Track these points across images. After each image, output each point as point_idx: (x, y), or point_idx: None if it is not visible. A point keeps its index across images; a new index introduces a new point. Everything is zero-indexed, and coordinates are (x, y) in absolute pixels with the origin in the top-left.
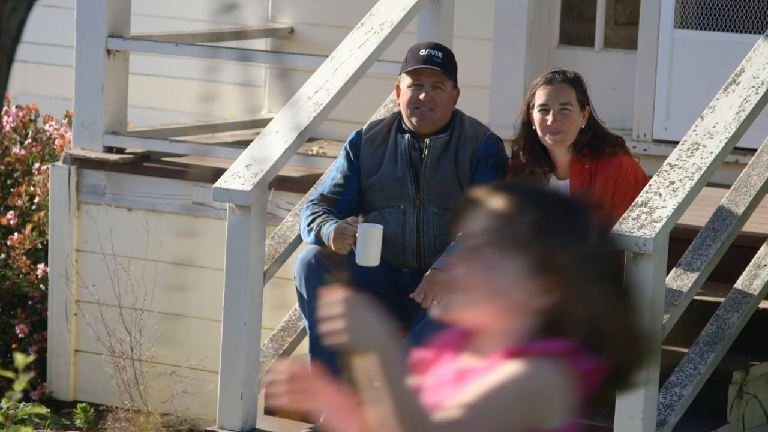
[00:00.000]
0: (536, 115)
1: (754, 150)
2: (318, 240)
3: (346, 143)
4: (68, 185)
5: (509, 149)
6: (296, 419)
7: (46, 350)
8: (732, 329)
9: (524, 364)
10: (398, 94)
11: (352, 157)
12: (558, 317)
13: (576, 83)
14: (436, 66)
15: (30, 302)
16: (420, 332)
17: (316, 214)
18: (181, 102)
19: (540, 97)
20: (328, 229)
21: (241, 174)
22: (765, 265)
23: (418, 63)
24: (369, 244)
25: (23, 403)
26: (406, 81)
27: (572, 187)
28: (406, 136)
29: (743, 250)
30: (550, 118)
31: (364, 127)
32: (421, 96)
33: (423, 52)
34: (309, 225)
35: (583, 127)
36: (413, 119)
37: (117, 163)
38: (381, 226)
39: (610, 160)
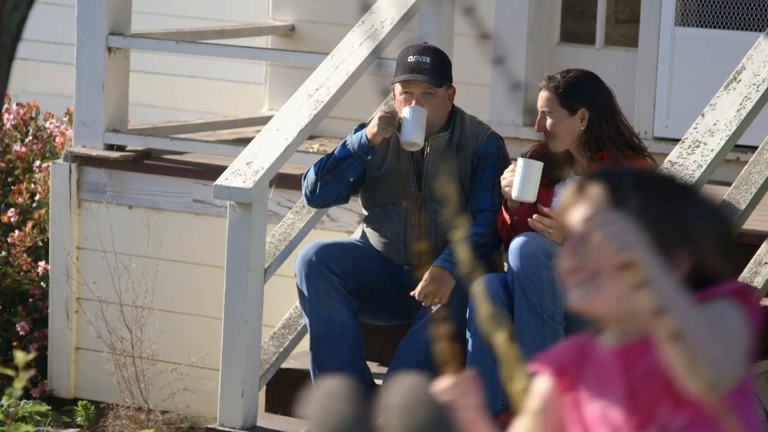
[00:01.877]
0: None
1: (755, 147)
2: (340, 152)
3: (354, 130)
4: (69, 183)
5: (510, 148)
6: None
7: (47, 348)
8: None
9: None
10: (395, 98)
11: None
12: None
13: (558, 90)
14: (424, 74)
15: (30, 300)
16: (420, 330)
17: (326, 156)
18: (181, 100)
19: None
20: (359, 131)
21: (242, 172)
22: (766, 263)
23: (406, 71)
24: (417, 122)
25: (24, 400)
26: (397, 89)
27: None
28: None
29: (744, 247)
30: (537, 121)
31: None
32: (412, 104)
33: (411, 58)
34: (327, 158)
35: (584, 129)
36: None
37: (118, 161)
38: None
39: (629, 163)
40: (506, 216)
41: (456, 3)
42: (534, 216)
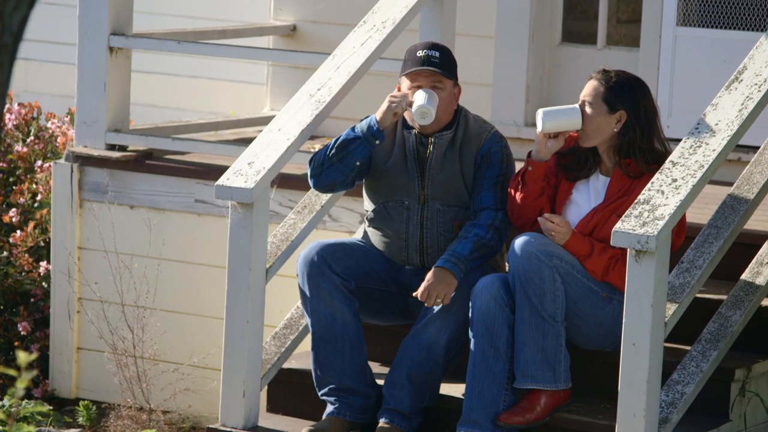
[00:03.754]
0: None
1: (757, 147)
2: (348, 134)
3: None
4: (70, 183)
5: (512, 148)
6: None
7: (49, 348)
8: (734, 327)
9: None
10: None
11: None
12: None
13: (607, 85)
14: (434, 67)
15: (32, 300)
16: (422, 330)
17: (334, 140)
18: (183, 99)
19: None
20: (369, 116)
21: (243, 172)
22: (767, 263)
23: (416, 65)
24: (430, 97)
25: (25, 400)
26: (405, 83)
27: (610, 187)
28: (413, 131)
29: (746, 247)
30: None
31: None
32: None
33: (420, 53)
34: (335, 141)
35: (617, 131)
36: (416, 121)
37: (119, 161)
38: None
39: (651, 176)
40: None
41: None
42: (545, 215)
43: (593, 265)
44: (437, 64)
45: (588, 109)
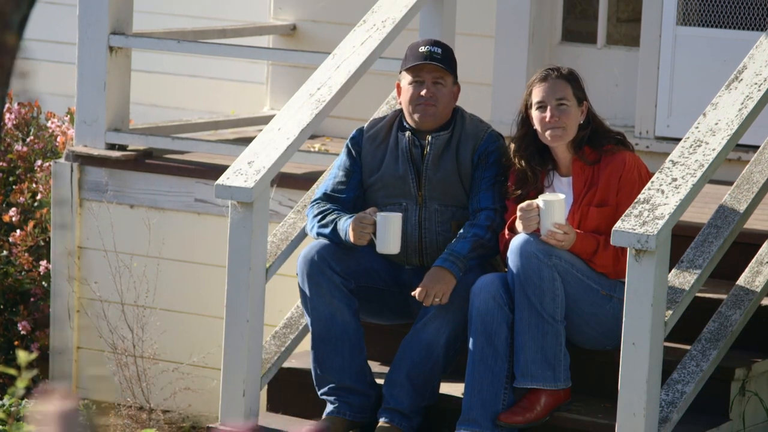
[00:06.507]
0: (534, 113)
1: (757, 147)
2: (333, 235)
3: (348, 140)
4: (70, 182)
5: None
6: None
7: (49, 347)
8: (734, 326)
9: None
10: (399, 93)
11: (354, 154)
12: None
13: (571, 79)
14: (436, 62)
15: (32, 299)
16: (421, 330)
17: (326, 211)
18: (183, 99)
19: (537, 94)
20: (345, 223)
21: (243, 171)
22: (767, 262)
23: (418, 60)
24: (389, 232)
25: (26, 400)
26: (406, 78)
27: (575, 184)
28: (407, 133)
29: (745, 247)
30: (548, 114)
31: (365, 125)
32: (423, 92)
33: (422, 48)
34: (320, 221)
35: (582, 122)
36: (415, 116)
37: (119, 160)
38: (400, 214)
39: (613, 156)
40: (507, 234)
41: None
42: (546, 233)
43: (603, 258)
44: (439, 60)
45: (566, 108)
